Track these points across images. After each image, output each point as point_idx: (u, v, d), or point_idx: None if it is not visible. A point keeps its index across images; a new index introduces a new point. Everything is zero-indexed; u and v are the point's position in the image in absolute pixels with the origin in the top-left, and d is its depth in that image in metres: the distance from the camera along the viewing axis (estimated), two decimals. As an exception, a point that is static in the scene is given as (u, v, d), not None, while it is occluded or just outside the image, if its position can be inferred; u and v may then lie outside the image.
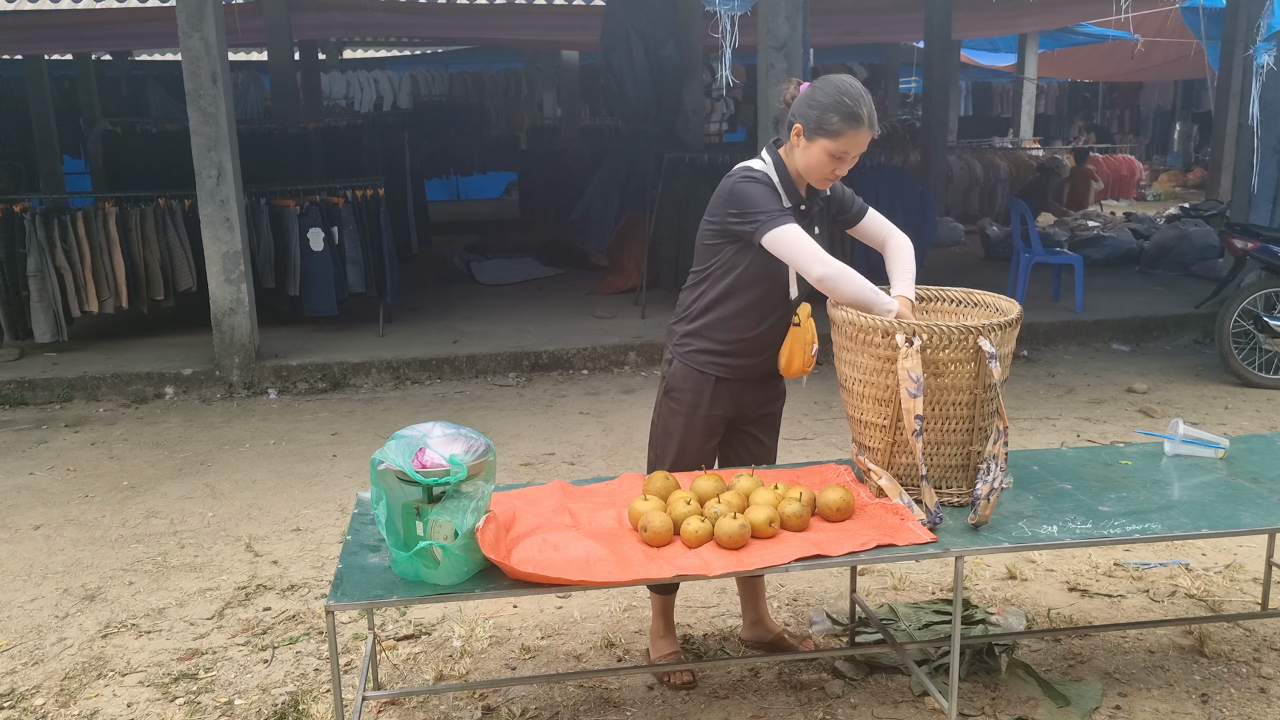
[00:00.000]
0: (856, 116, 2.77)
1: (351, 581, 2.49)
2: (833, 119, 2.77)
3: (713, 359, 2.98)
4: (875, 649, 3.24)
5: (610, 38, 9.28)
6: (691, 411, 3.02)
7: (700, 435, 3.05)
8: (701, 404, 3.01)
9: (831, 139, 2.78)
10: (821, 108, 2.79)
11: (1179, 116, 21.95)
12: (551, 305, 8.83)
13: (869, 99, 2.81)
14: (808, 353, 2.98)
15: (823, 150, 2.80)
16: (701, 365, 2.99)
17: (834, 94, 2.79)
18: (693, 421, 3.03)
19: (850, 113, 2.76)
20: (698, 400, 3.01)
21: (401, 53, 20.07)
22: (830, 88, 2.81)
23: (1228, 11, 10.76)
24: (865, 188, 8.42)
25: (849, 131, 2.77)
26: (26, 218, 7.18)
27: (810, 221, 2.97)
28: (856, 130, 2.78)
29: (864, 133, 2.79)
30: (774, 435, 3.23)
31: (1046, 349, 7.62)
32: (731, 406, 3.04)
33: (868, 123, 2.79)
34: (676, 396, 3.04)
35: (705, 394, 3.00)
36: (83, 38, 13.09)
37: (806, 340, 2.96)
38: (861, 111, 2.77)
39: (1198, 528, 2.70)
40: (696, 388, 3.00)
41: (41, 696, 3.25)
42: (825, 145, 2.79)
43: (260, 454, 5.64)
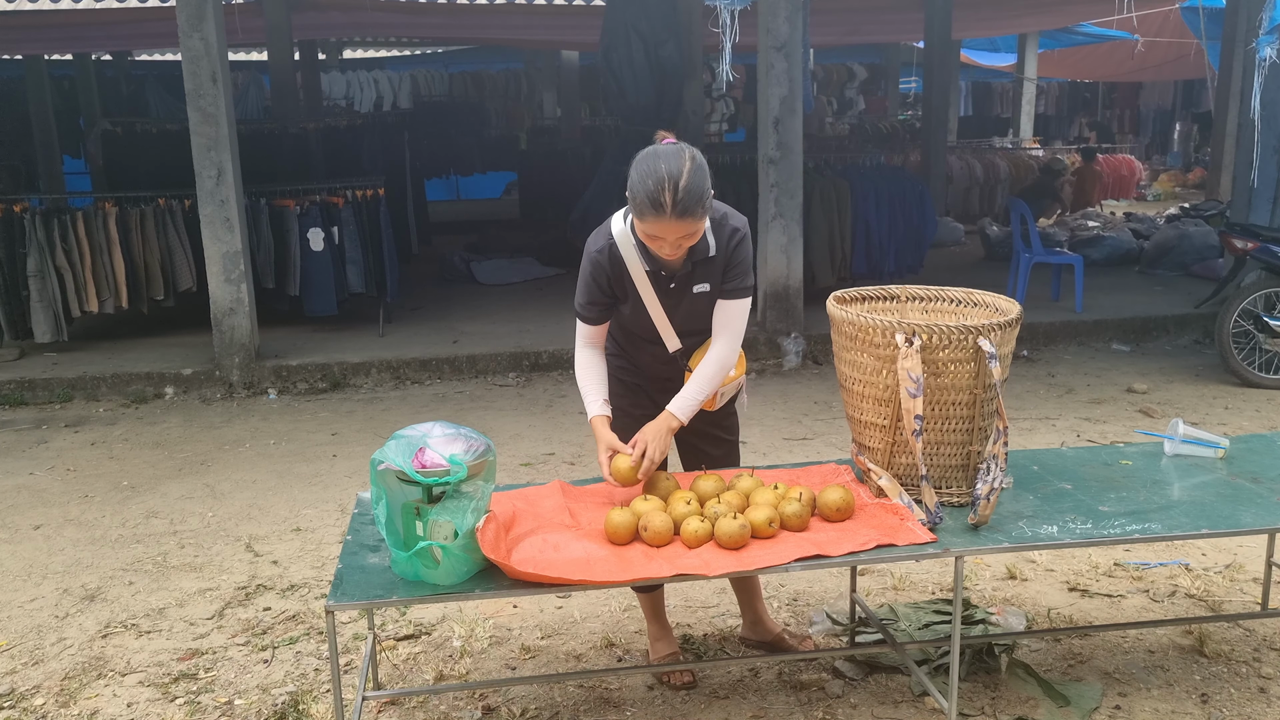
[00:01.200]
0: (659, 205, 2.57)
1: (351, 581, 2.49)
2: (637, 198, 2.62)
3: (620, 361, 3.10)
4: (875, 649, 3.24)
5: (610, 38, 9.28)
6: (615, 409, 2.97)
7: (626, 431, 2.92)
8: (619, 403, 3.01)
9: (640, 221, 2.65)
10: (631, 186, 2.64)
11: (1179, 116, 21.96)
12: (551, 305, 8.82)
13: (684, 185, 2.56)
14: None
15: (639, 229, 2.69)
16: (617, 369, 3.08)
17: (643, 174, 2.61)
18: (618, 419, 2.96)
19: (652, 199, 2.57)
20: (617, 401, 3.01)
21: (401, 53, 20.07)
22: (644, 165, 2.62)
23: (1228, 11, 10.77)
24: (865, 188, 8.50)
25: (651, 217, 2.60)
26: (26, 218, 7.19)
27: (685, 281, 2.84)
28: (659, 218, 2.59)
29: (667, 222, 2.58)
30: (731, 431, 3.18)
31: (1046, 349, 7.62)
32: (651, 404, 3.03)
33: (672, 212, 2.56)
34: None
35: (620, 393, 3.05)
36: (83, 38, 13.10)
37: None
38: (664, 199, 2.55)
39: (1198, 528, 2.70)
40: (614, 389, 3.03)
41: (41, 696, 3.25)
42: (638, 225, 2.67)
43: (260, 454, 5.64)
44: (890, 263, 8.57)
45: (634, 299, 2.88)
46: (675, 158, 2.61)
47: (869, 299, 3.09)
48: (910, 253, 8.72)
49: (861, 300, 3.08)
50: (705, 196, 2.63)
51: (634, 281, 2.85)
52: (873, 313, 2.94)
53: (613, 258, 2.84)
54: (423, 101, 17.55)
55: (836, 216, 8.28)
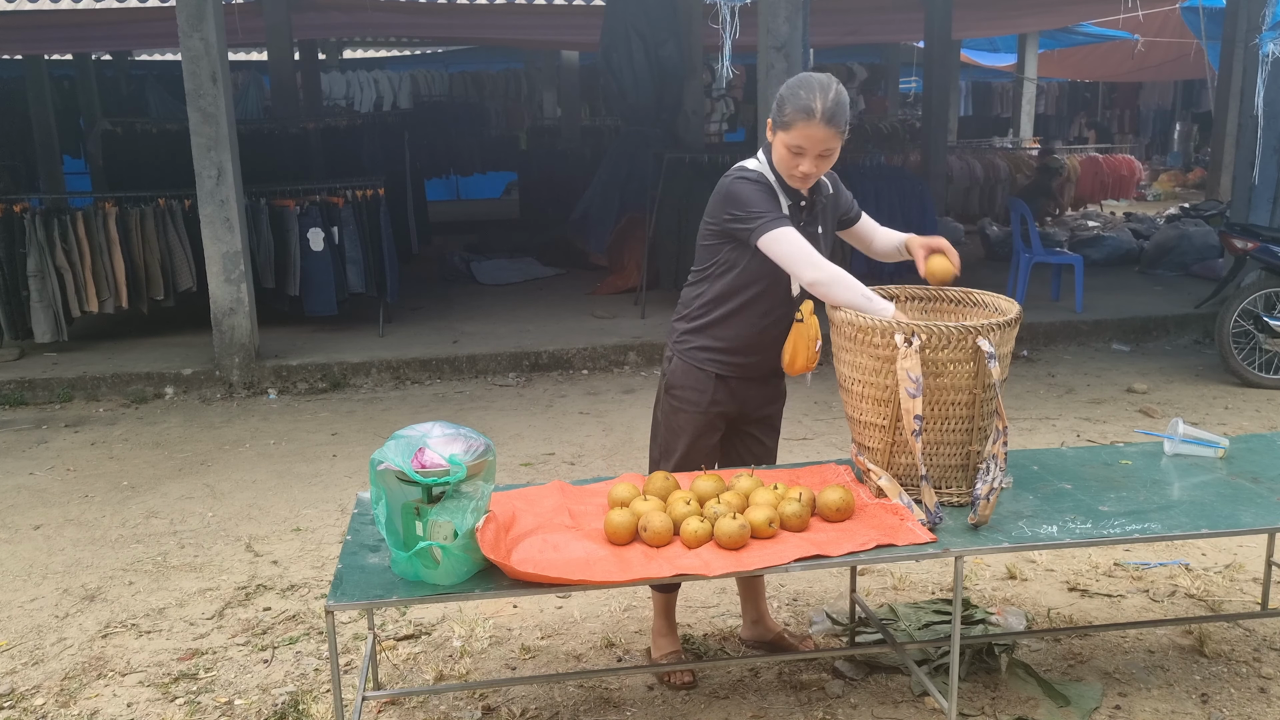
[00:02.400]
0: (809, 110, 2.69)
1: (351, 581, 2.49)
2: (786, 110, 2.73)
3: (713, 356, 2.98)
4: (875, 649, 3.24)
5: (610, 38, 9.28)
6: (692, 408, 3.01)
7: (701, 433, 3.04)
8: (702, 401, 3.00)
9: (785, 131, 2.74)
10: (781, 99, 2.76)
11: (1179, 116, 21.95)
12: (551, 305, 8.83)
13: (833, 94, 2.71)
14: (811, 349, 2.94)
15: (782, 144, 2.78)
16: (702, 363, 2.99)
17: (795, 86, 2.75)
18: (694, 419, 3.02)
19: (802, 105, 2.70)
20: (699, 397, 3.00)
21: (401, 53, 20.06)
22: (796, 81, 2.77)
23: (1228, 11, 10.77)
24: (865, 188, 8.50)
25: (800, 124, 2.71)
26: (26, 218, 7.18)
27: (813, 217, 2.94)
28: (808, 123, 2.70)
29: (816, 126, 2.70)
30: (774, 436, 3.23)
31: (1046, 349, 7.62)
32: (733, 404, 3.04)
33: (821, 117, 2.69)
34: (678, 394, 3.03)
35: (706, 391, 2.99)
36: (83, 38, 13.09)
37: (810, 336, 2.93)
38: (815, 105, 2.69)
39: (1198, 528, 2.70)
40: (697, 385, 3.00)
41: (41, 696, 3.25)
42: (782, 138, 2.77)
43: (260, 454, 5.64)
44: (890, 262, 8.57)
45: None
46: (826, 77, 2.78)
47: (869, 299, 3.08)
48: (910, 253, 8.71)
49: (861, 300, 3.07)
50: (848, 113, 2.76)
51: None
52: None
53: (766, 183, 2.86)
54: (423, 101, 17.54)
55: (836, 216, 8.27)
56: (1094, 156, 15.70)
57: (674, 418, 3.06)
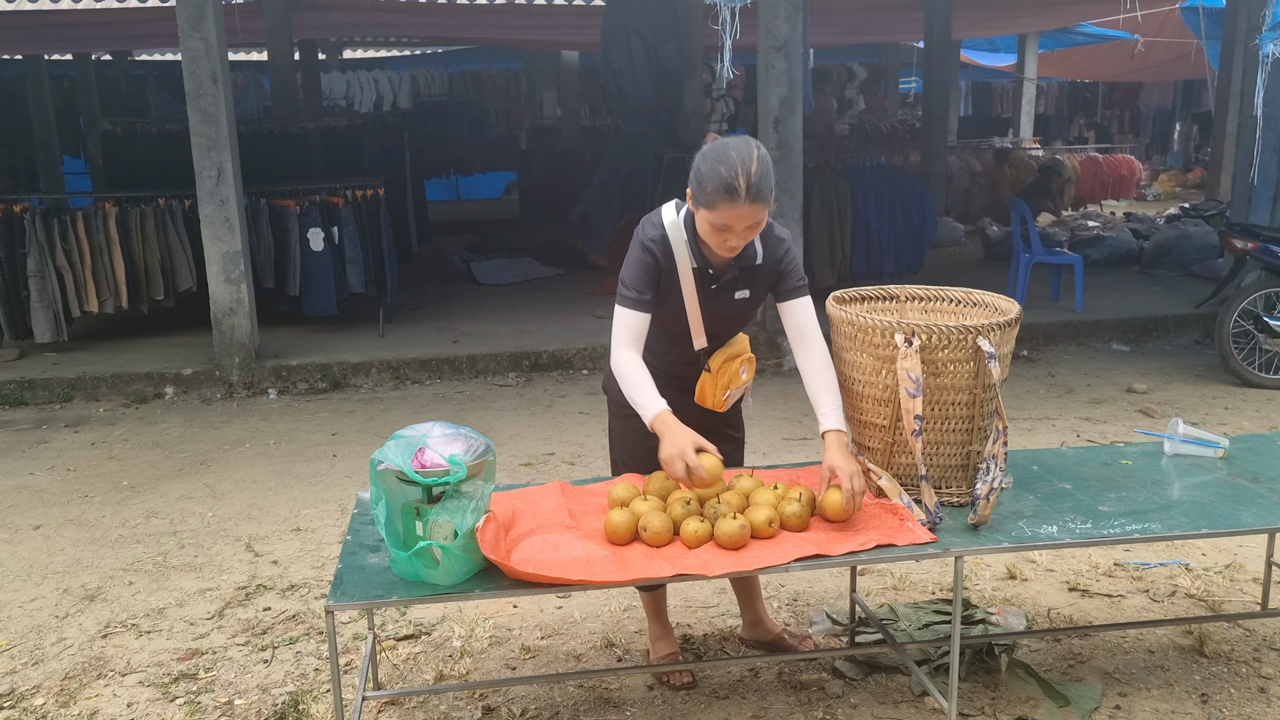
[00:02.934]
0: (731, 190, 2.55)
1: (351, 581, 2.49)
2: (707, 188, 2.59)
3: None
4: (875, 649, 3.24)
5: (610, 38, 9.28)
6: (622, 408, 2.96)
7: (636, 433, 2.93)
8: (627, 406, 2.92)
9: (708, 210, 2.62)
10: (701, 175, 2.62)
11: (1179, 116, 21.95)
12: (551, 305, 8.83)
13: (754, 167, 2.57)
14: (718, 395, 2.92)
15: (705, 221, 2.66)
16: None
17: (714, 161, 2.59)
18: (627, 420, 2.97)
19: (725, 185, 2.55)
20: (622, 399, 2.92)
21: (401, 53, 20.06)
22: (714, 153, 2.62)
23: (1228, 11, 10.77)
24: (865, 188, 8.51)
25: (722, 204, 2.58)
26: (26, 218, 7.18)
27: (729, 286, 2.84)
28: (731, 204, 2.57)
29: (741, 207, 2.57)
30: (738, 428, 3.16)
31: (1046, 349, 7.62)
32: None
33: (746, 196, 2.55)
34: (611, 396, 3.05)
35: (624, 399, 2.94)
36: (83, 38, 13.10)
37: (719, 385, 2.91)
38: (738, 185, 2.54)
39: (1198, 528, 2.70)
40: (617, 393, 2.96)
41: (41, 696, 3.25)
42: (705, 216, 2.64)
43: (260, 454, 5.64)
44: (890, 263, 8.58)
45: (675, 294, 2.83)
46: (744, 145, 2.62)
47: (868, 299, 3.09)
48: (910, 253, 8.73)
49: (861, 300, 3.08)
50: (772, 184, 2.63)
51: (679, 276, 2.81)
52: (872, 313, 2.94)
53: (664, 249, 2.80)
54: (423, 101, 17.55)
55: (836, 216, 8.29)
56: (1094, 156, 15.70)
57: (613, 422, 3.10)
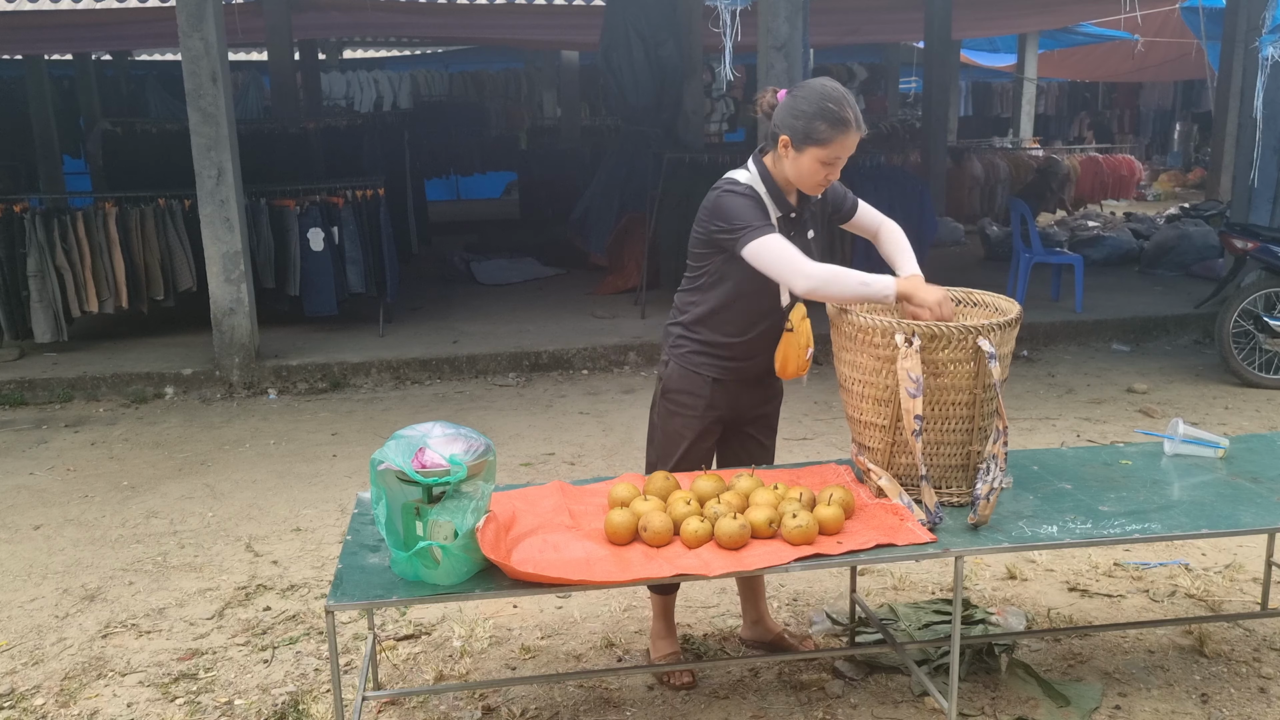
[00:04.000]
0: (844, 121, 2.75)
1: (351, 581, 2.49)
2: (820, 126, 2.74)
3: (708, 360, 2.99)
4: (875, 649, 3.24)
5: (610, 37, 9.28)
6: (689, 412, 3.02)
7: (698, 436, 3.05)
8: (699, 405, 3.01)
9: (821, 146, 2.76)
10: (807, 117, 2.76)
11: (1179, 116, 21.94)
12: (551, 305, 8.83)
13: (852, 99, 2.79)
14: (802, 356, 2.96)
15: (813, 159, 2.78)
16: (697, 366, 2.99)
17: (817, 101, 2.75)
18: (690, 422, 3.03)
19: (837, 118, 2.74)
20: (695, 401, 3.01)
21: (401, 53, 20.06)
22: (813, 95, 2.77)
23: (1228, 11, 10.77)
24: (865, 188, 8.49)
25: (838, 137, 2.75)
26: (26, 218, 7.18)
27: (803, 227, 2.96)
28: (845, 134, 2.76)
29: (853, 135, 2.77)
30: (772, 436, 3.23)
31: (1046, 349, 7.62)
32: (728, 407, 3.05)
33: (855, 125, 2.76)
34: (674, 397, 3.04)
35: (703, 395, 3.00)
36: (83, 38, 13.10)
37: (800, 345, 2.95)
38: (848, 115, 2.75)
39: (1198, 528, 2.70)
40: (693, 388, 3.00)
41: (41, 696, 3.25)
42: (815, 154, 2.77)
43: (260, 454, 5.64)
44: (890, 263, 8.57)
45: None
46: (833, 83, 2.81)
47: (869, 299, 3.08)
48: (910, 253, 8.71)
49: (861, 300, 3.08)
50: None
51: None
52: (872, 313, 2.94)
53: (756, 194, 2.86)
54: (423, 101, 17.54)
55: (836, 216, 8.28)
56: (1094, 156, 15.70)
57: (670, 421, 3.07)
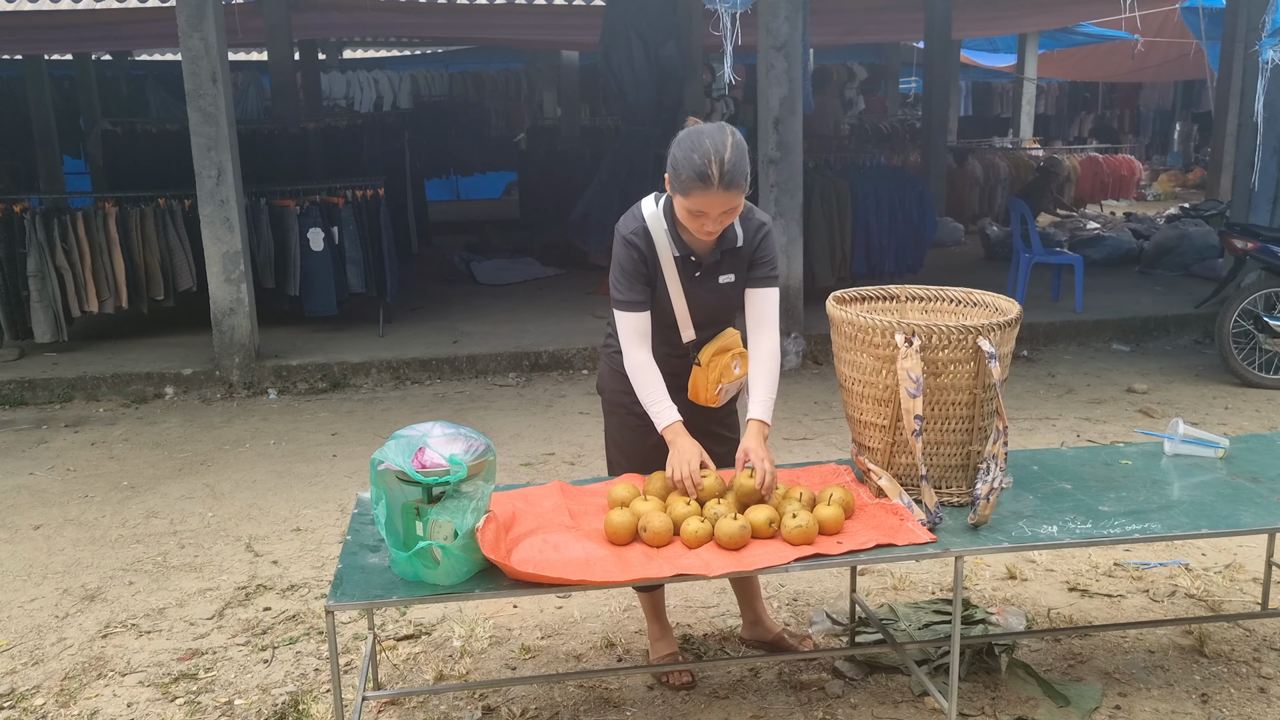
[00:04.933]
0: (704, 177, 2.58)
1: (351, 581, 2.49)
2: (682, 175, 2.63)
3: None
4: (875, 649, 3.24)
5: (610, 38, 9.28)
6: (621, 410, 3.02)
7: (632, 432, 3.01)
8: (625, 400, 2.97)
9: (684, 197, 2.66)
10: (675, 163, 2.66)
11: (1179, 116, 21.95)
12: (551, 305, 8.83)
13: (728, 155, 2.60)
14: (711, 390, 2.94)
15: (681, 207, 2.70)
16: (619, 365, 2.97)
17: (688, 149, 2.63)
18: (625, 419, 3.02)
19: (697, 171, 2.59)
20: (623, 398, 2.98)
21: (401, 53, 20.06)
22: (688, 141, 2.65)
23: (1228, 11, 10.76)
24: (865, 188, 8.50)
25: (697, 191, 2.61)
26: (26, 218, 7.18)
27: (711, 271, 2.87)
28: (706, 191, 2.60)
29: (715, 195, 2.60)
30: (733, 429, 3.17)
31: (1046, 349, 7.62)
32: None
33: (719, 183, 2.58)
34: (607, 396, 3.08)
35: (629, 391, 2.93)
36: (83, 38, 13.09)
37: (709, 379, 2.93)
38: (710, 171, 2.58)
39: (1198, 528, 2.70)
40: (620, 385, 2.98)
41: (41, 696, 3.25)
42: (682, 202, 2.68)
43: (260, 454, 5.64)
44: (890, 263, 8.57)
45: (660, 286, 2.87)
46: (719, 133, 2.66)
47: (869, 299, 3.09)
48: (910, 253, 8.72)
49: (861, 300, 3.08)
50: (747, 170, 2.67)
51: (662, 267, 2.85)
52: (872, 313, 2.94)
53: (646, 240, 2.84)
54: (423, 101, 17.54)
55: (836, 216, 8.28)
56: (1094, 156, 15.70)
57: (609, 421, 3.11)
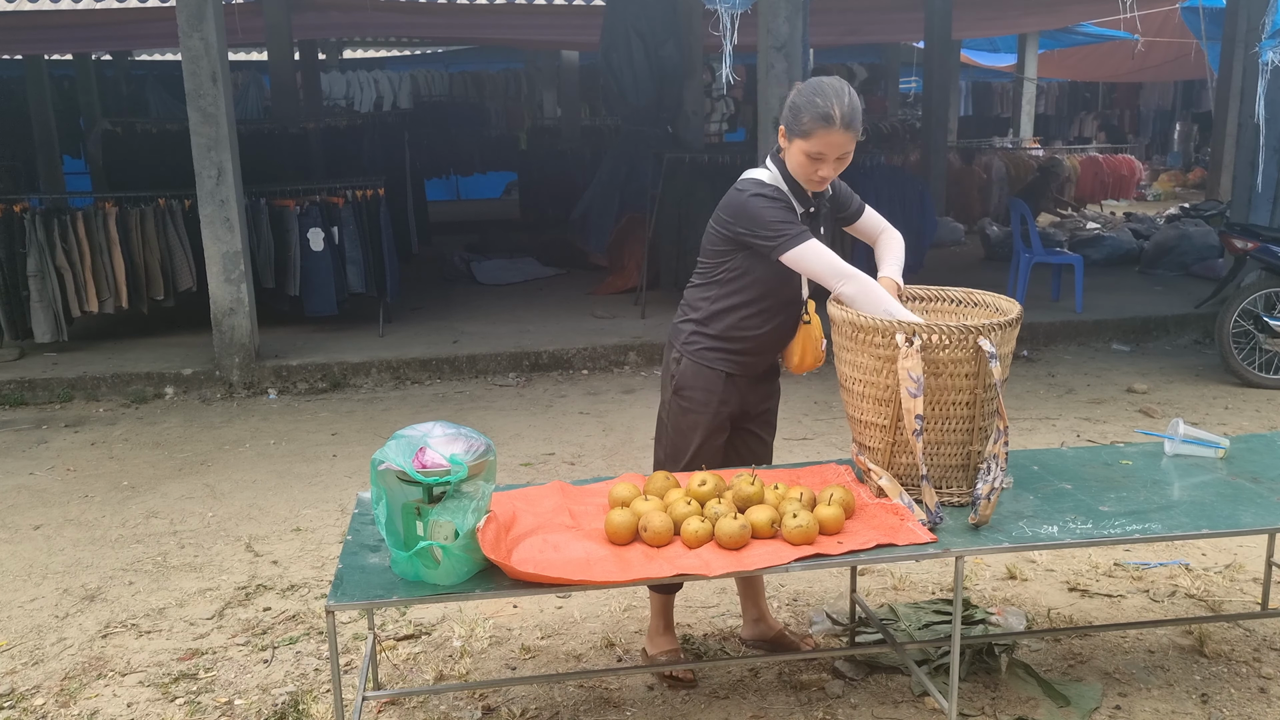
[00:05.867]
0: (828, 117, 2.73)
1: (351, 581, 2.49)
2: (804, 119, 2.76)
3: (723, 356, 3.00)
4: (875, 649, 3.24)
5: (610, 38, 9.28)
6: (702, 409, 3.03)
7: (711, 433, 3.06)
8: (712, 401, 3.02)
9: (804, 139, 2.78)
10: (796, 108, 2.79)
11: (1179, 116, 21.95)
12: (551, 305, 8.83)
13: (847, 99, 2.76)
14: (818, 349, 3.02)
15: (800, 151, 2.81)
16: (712, 362, 3.00)
17: (809, 94, 2.77)
18: (704, 419, 3.04)
19: (821, 113, 2.74)
20: (709, 398, 3.01)
21: (401, 53, 20.07)
22: (809, 88, 2.79)
23: (1228, 11, 10.76)
24: (865, 188, 8.49)
25: (820, 131, 2.75)
26: (26, 218, 7.18)
27: (817, 223, 2.98)
28: (828, 130, 2.74)
29: (837, 133, 2.75)
30: (772, 433, 3.25)
31: (1046, 349, 7.62)
32: (738, 403, 3.06)
33: (840, 123, 2.74)
34: (687, 394, 3.04)
35: (716, 391, 3.01)
36: (83, 38, 13.10)
37: (815, 337, 3.01)
38: (834, 111, 2.73)
39: (1198, 528, 2.70)
40: (708, 385, 3.01)
41: (41, 696, 3.25)
42: (801, 145, 2.80)
43: (260, 454, 5.64)
44: (890, 262, 8.57)
45: None
46: (838, 81, 2.82)
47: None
48: (910, 253, 8.70)
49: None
50: (861, 116, 2.81)
51: None
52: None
53: (779, 191, 2.88)
54: (423, 101, 17.55)
55: (836, 216, 8.28)
56: (1094, 156, 15.69)
57: (683, 419, 3.07)
